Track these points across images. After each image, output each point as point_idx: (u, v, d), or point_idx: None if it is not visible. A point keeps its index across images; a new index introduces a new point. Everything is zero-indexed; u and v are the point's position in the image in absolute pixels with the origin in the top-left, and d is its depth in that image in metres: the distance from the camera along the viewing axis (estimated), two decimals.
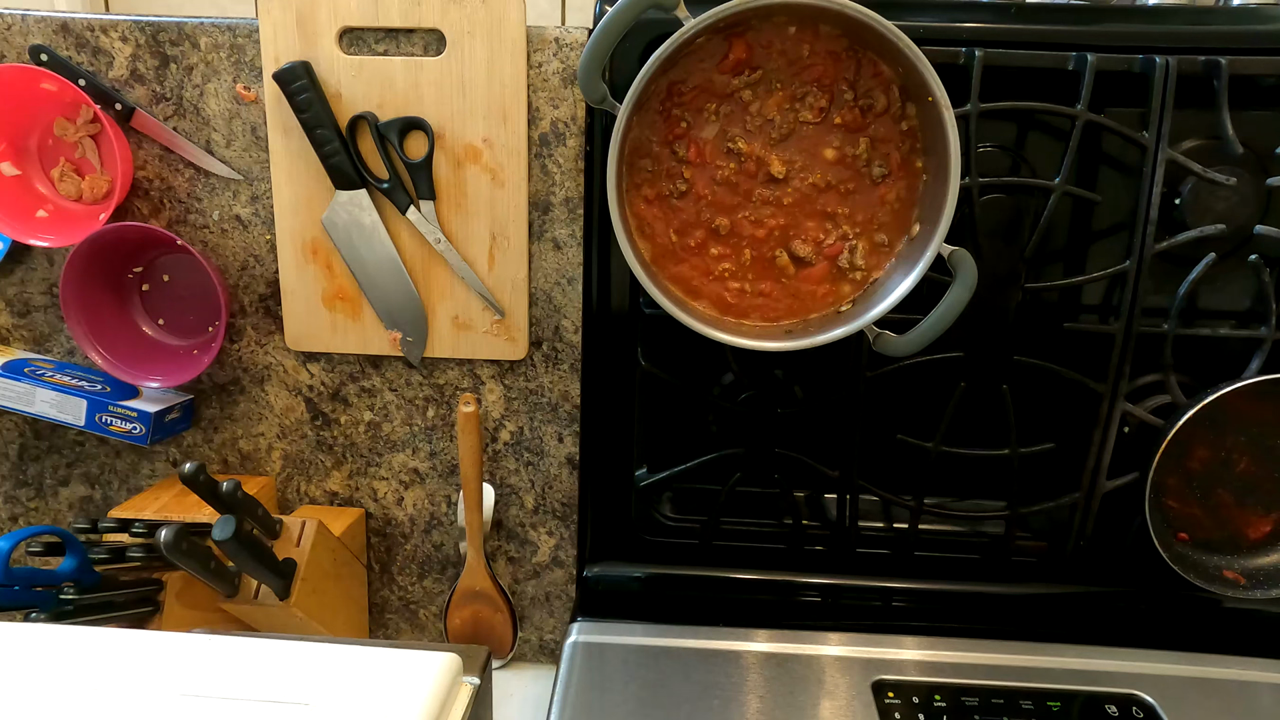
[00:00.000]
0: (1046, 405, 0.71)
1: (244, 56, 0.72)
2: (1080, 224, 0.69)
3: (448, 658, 0.49)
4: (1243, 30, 0.64)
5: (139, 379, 0.76)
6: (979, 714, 0.60)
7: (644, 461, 0.75)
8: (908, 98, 0.60)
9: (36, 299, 0.79)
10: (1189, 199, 0.66)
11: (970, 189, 0.64)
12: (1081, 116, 0.64)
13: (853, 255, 0.62)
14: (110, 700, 0.45)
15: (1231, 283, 0.69)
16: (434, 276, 0.75)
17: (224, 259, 0.77)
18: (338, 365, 0.79)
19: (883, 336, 0.60)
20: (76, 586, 0.64)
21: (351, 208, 0.73)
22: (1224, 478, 0.71)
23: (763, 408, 0.72)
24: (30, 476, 0.84)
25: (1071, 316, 0.70)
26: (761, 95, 0.60)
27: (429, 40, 0.71)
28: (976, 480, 0.74)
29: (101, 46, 0.72)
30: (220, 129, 0.74)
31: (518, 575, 0.84)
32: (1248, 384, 0.65)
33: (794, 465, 0.73)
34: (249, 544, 0.64)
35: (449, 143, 0.72)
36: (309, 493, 0.83)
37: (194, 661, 0.48)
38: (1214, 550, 0.72)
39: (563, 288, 0.76)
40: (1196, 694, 0.63)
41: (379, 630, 0.87)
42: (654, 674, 0.64)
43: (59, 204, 0.76)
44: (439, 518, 0.83)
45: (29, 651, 0.48)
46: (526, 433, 0.80)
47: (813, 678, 0.64)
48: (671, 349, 0.71)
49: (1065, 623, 0.72)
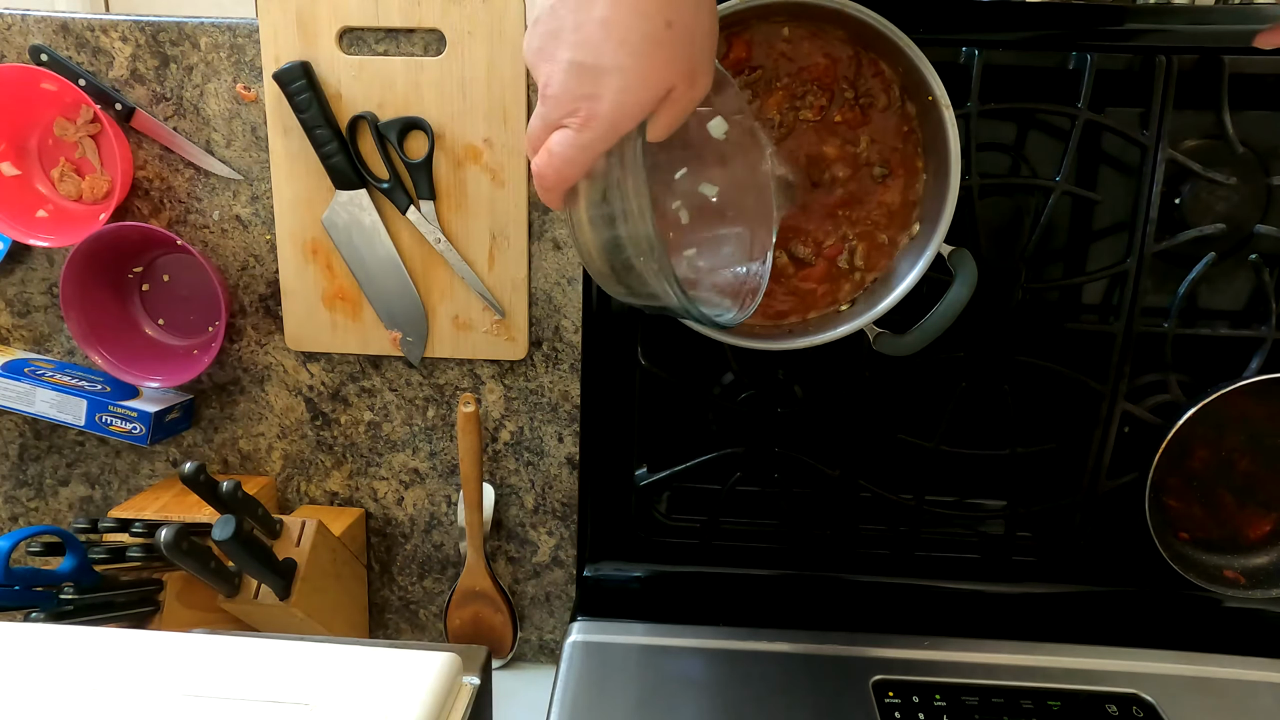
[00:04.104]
0: (1047, 405, 0.71)
1: (244, 56, 0.72)
2: (1080, 223, 0.69)
3: (448, 658, 0.49)
4: (1243, 30, 0.64)
5: (139, 379, 0.76)
6: (979, 714, 0.60)
7: (644, 461, 0.75)
8: (908, 97, 0.60)
9: (36, 299, 0.79)
10: (1189, 199, 0.66)
11: (970, 188, 0.65)
12: (1081, 116, 0.64)
13: (852, 256, 0.62)
14: (110, 700, 0.45)
15: (1231, 282, 0.69)
16: (434, 276, 0.75)
17: (224, 259, 0.77)
18: (338, 365, 0.79)
19: (883, 336, 0.60)
20: (76, 586, 0.64)
21: (351, 208, 0.73)
22: (1224, 477, 0.71)
23: (763, 407, 0.72)
24: (30, 476, 0.84)
25: (1072, 316, 0.70)
26: (761, 94, 0.60)
27: (429, 40, 0.71)
28: (977, 480, 0.74)
29: (101, 46, 0.72)
30: (220, 129, 0.74)
31: (518, 575, 0.84)
32: (1248, 383, 0.65)
33: (794, 465, 0.73)
34: (249, 544, 0.64)
35: (449, 143, 0.72)
36: (309, 493, 0.83)
37: (194, 661, 0.48)
38: (1214, 550, 0.72)
39: (563, 288, 0.76)
40: (1196, 694, 0.63)
41: (379, 630, 0.87)
42: (654, 674, 0.64)
43: (59, 204, 0.76)
44: (439, 518, 0.83)
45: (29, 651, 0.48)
46: (526, 433, 0.80)
47: (813, 677, 0.64)
48: (671, 348, 0.71)
49: (1065, 623, 0.72)
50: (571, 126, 0.41)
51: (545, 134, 0.43)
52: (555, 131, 0.42)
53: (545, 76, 0.42)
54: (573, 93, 0.41)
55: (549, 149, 0.42)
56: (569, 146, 0.42)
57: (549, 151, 0.43)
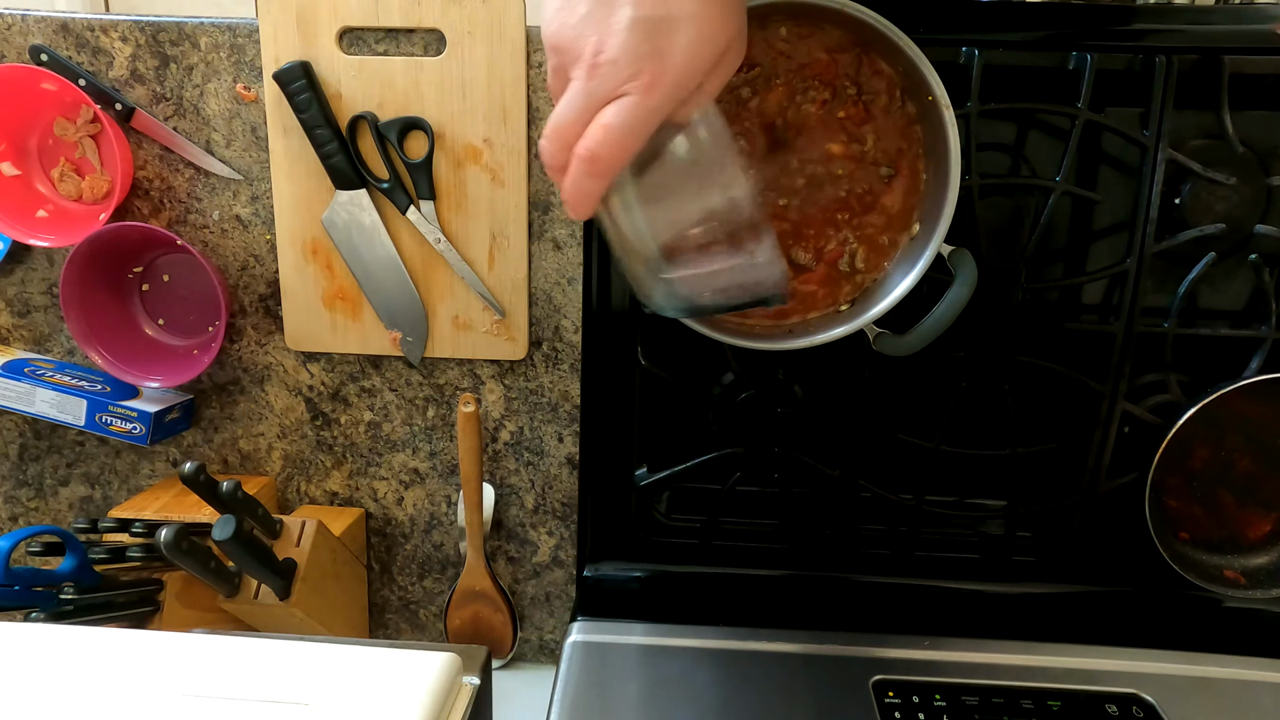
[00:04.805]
0: (1047, 405, 0.71)
1: (244, 56, 0.72)
2: (1080, 223, 0.69)
3: (448, 658, 0.49)
4: (1243, 29, 0.64)
5: (139, 379, 0.76)
6: (979, 714, 0.60)
7: (644, 461, 0.75)
8: (908, 97, 0.60)
9: (36, 299, 0.79)
10: (1189, 199, 0.66)
11: (970, 188, 0.64)
12: (1081, 116, 0.64)
13: (853, 258, 0.62)
14: (110, 700, 0.45)
15: (1231, 282, 0.69)
16: (434, 276, 0.75)
17: (224, 259, 0.77)
18: (338, 365, 0.79)
19: (883, 336, 0.60)
20: (76, 586, 0.64)
21: (351, 208, 0.73)
22: (1224, 477, 0.71)
23: (763, 407, 0.72)
24: (30, 476, 0.84)
25: (1072, 316, 0.70)
26: (761, 90, 0.60)
27: (429, 40, 0.71)
28: (977, 480, 0.74)
29: (101, 46, 0.72)
30: (220, 129, 0.74)
31: (518, 575, 0.84)
32: (1247, 383, 0.65)
33: (794, 465, 0.73)
34: (249, 544, 0.64)
35: (449, 143, 0.72)
36: (309, 493, 0.83)
37: (194, 661, 0.48)
38: (1214, 550, 0.71)
39: (563, 288, 0.76)
40: (1196, 694, 0.63)
41: (379, 630, 0.87)
42: (654, 673, 0.64)
43: (59, 204, 0.76)
44: (439, 518, 0.83)
45: (29, 651, 0.48)
46: (526, 433, 0.80)
47: (813, 677, 0.64)
48: (671, 348, 0.71)
49: (1065, 623, 0.72)
50: (634, 91, 0.38)
51: (589, 114, 0.39)
52: (609, 105, 0.39)
53: (595, 45, 0.39)
54: (636, 52, 0.38)
55: (603, 124, 0.39)
56: (631, 113, 0.39)
57: (604, 126, 0.39)
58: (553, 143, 0.41)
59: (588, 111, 0.40)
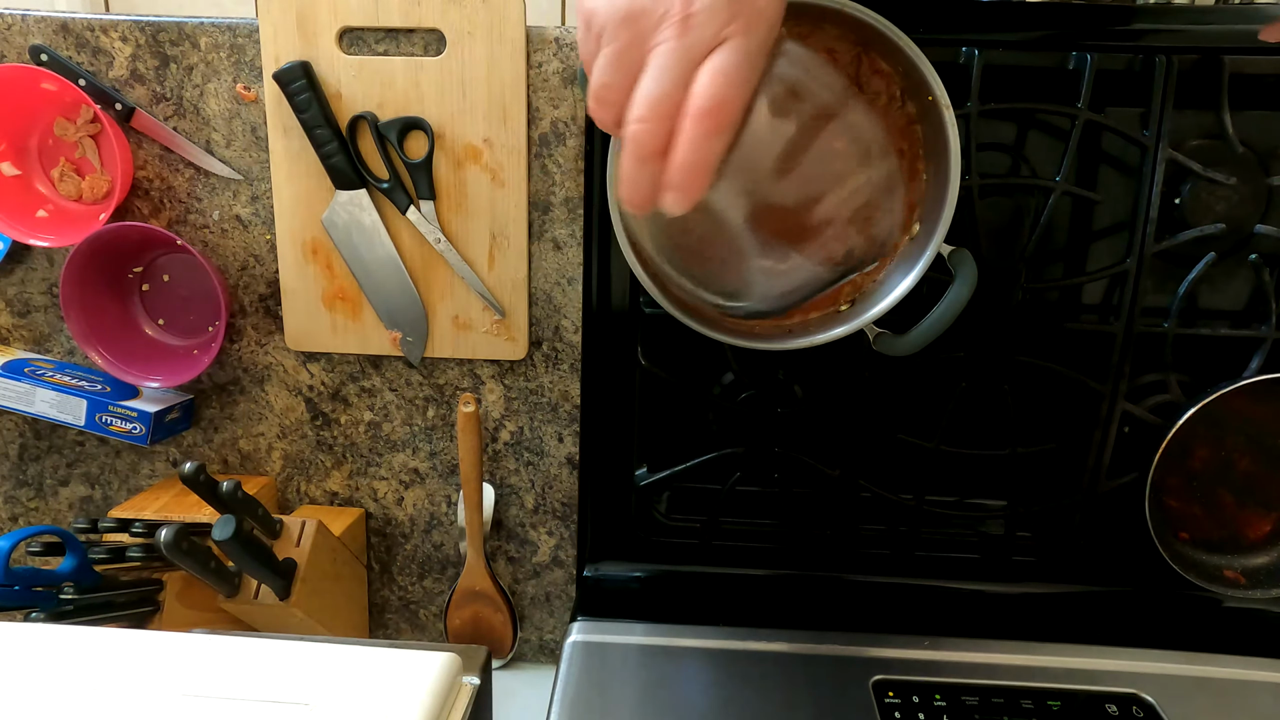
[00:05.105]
0: (1047, 405, 0.71)
1: (244, 56, 0.72)
2: (1080, 223, 0.69)
3: (448, 658, 0.49)
4: (1243, 29, 0.64)
5: (139, 379, 0.76)
6: (979, 714, 0.60)
7: (644, 461, 0.75)
8: (908, 97, 0.60)
9: (36, 299, 0.79)
10: (1189, 199, 0.66)
11: (970, 188, 0.64)
12: (1081, 116, 0.64)
13: None
14: (110, 700, 0.45)
15: (1231, 282, 0.69)
16: (434, 276, 0.75)
17: (224, 259, 0.77)
18: (338, 365, 0.79)
19: (883, 336, 0.60)
20: (76, 586, 0.64)
21: (351, 208, 0.73)
22: (1224, 477, 0.71)
23: (763, 407, 0.72)
24: (30, 476, 0.84)
25: (1072, 316, 0.70)
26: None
27: (429, 40, 0.71)
28: (977, 480, 0.74)
29: (101, 46, 0.72)
30: (220, 129, 0.74)
31: (518, 575, 0.84)
32: (1247, 383, 0.65)
33: (794, 465, 0.73)
34: (249, 544, 0.64)
35: (449, 143, 0.72)
36: (309, 493, 0.83)
37: (194, 661, 0.48)
38: (1214, 550, 0.72)
39: (563, 288, 0.76)
40: (1196, 694, 0.63)
41: (379, 630, 0.87)
42: (654, 674, 0.64)
43: (59, 204, 0.76)
44: (439, 518, 0.83)
45: (29, 651, 0.48)
46: (526, 433, 0.80)
47: (813, 677, 0.64)
48: (671, 348, 0.71)
49: (1065, 622, 0.72)
50: (735, 34, 0.37)
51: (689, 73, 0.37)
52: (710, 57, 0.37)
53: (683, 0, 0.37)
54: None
55: (715, 73, 0.37)
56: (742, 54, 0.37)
57: (717, 72, 0.37)
58: (651, 121, 0.38)
59: (688, 70, 0.37)
